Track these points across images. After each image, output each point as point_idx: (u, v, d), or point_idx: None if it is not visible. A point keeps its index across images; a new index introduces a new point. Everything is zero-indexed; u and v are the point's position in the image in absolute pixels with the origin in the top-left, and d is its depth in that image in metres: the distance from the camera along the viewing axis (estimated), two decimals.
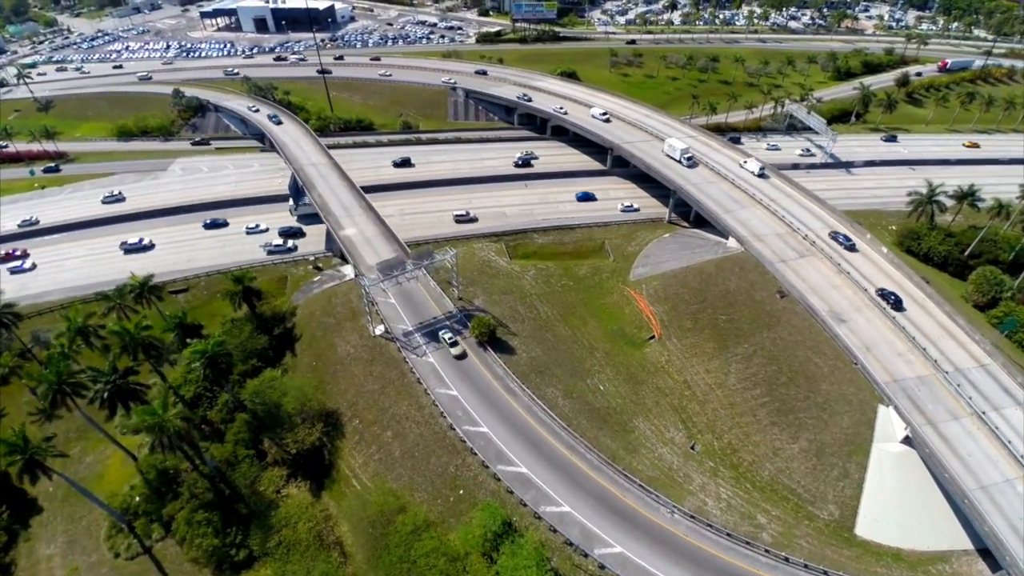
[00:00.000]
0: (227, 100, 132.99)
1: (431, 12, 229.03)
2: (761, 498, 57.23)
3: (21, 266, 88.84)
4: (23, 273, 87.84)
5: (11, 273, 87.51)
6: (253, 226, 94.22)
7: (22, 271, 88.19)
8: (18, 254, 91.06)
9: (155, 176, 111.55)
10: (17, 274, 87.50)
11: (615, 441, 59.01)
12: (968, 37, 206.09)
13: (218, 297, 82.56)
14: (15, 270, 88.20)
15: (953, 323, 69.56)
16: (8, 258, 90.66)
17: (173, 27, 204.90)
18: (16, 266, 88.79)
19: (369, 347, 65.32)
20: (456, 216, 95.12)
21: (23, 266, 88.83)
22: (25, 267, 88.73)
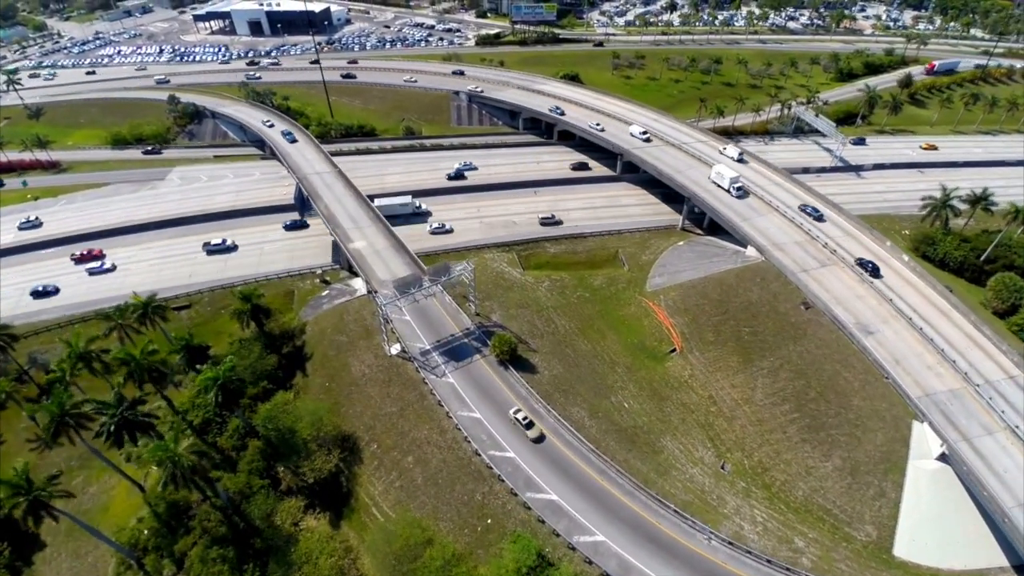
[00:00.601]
0: (225, 106, 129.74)
1: (428, 14, 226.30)
2: (797, 520, 55.46)
3: (101, 267, 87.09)
4: (103, 274, 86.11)
5: (90, 275, 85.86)
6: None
7: (101, 272, 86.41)
8: (95, 254, 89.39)
9: (152, 186, 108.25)
10: (97, 275, 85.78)
11: (645, 463, 57.00)
12: (965, 37, 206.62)
13: (222, 313, 79.79)
14: (95, 271, 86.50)
15: (980, 333, 68.24)
16: (86, 258, 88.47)
17: (166, 31, 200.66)
18: (95, 267, 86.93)
19: (385, 367, 62.85)
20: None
21: (103, 266, 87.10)
22: (105, 267, 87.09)
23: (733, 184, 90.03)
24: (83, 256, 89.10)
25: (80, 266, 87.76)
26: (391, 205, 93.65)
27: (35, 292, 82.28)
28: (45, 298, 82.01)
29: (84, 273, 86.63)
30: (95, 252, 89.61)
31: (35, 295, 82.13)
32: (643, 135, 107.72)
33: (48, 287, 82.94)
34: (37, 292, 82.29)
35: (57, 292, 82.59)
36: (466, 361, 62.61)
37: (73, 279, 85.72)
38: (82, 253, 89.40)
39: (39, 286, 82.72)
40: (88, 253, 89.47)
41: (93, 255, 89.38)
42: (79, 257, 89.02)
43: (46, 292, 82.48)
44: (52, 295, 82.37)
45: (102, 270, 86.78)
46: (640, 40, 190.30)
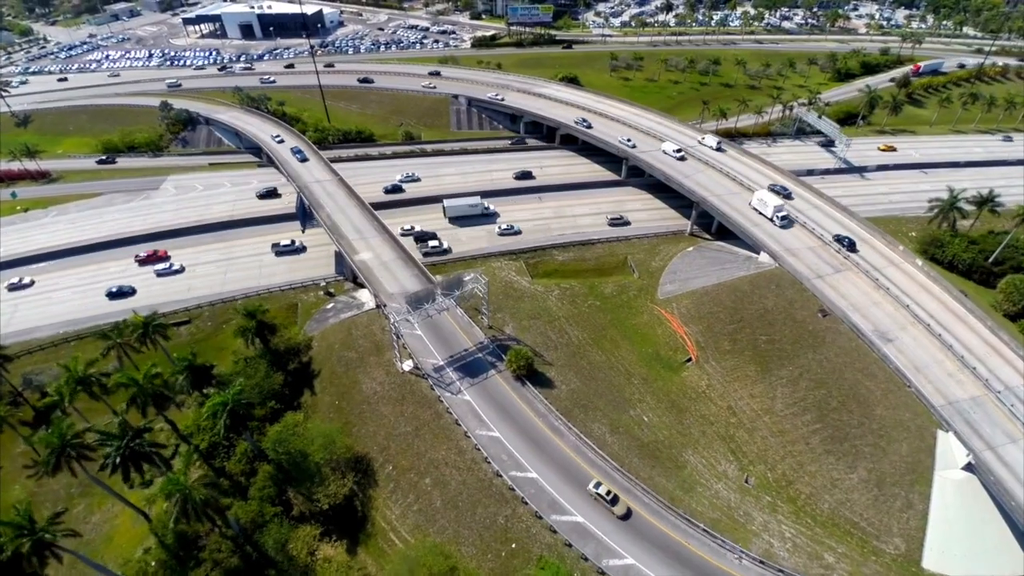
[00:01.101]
0: (219, 112, 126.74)
1: (422, 16, 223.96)
2: (824, 534, 54.36)
3: (169, 268, 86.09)
4: (172, 276, 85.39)
5: (158, 276, 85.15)
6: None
7: (170, 273, 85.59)
8: (160, 255, 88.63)
9: (147, 195, 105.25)
10: (165, 276, 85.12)
11: (669, 480, 55.60)
12: (958, 35, 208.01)
13: (224, 328, 77.51)
14: (163, 272, 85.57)
15: (997, 339, 67.63)
16: (152, 259, 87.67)
17: (155, 34, 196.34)
18: (164, 268, 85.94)
19: (398, 384, 60.88)
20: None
21: (171, 267, 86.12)
22: (174, 268, 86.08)
23: (777, 213, 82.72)
24: (148, 257, 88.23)
25: (146, 267, 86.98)
26: (459, 206, 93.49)
27: (111, 293, 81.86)
28: (122, 299, 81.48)
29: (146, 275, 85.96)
30: (160, 253, 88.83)
31: (112, 296, 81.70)
32: (677, 153, 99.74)
33: (124, 288, 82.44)
34: (113, 293, 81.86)
35: (134, 293, 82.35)
36: (481, 377, 60.82)
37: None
38: (147, 254, 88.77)
39: (114, 287, 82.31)
40: (153, 254, 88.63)
41: (158, 256, 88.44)
42: (143, 259, 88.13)
43: (122, 293, 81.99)
44: (129, 295, 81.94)
45: (171, 271, 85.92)
46: (637, 41, 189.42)
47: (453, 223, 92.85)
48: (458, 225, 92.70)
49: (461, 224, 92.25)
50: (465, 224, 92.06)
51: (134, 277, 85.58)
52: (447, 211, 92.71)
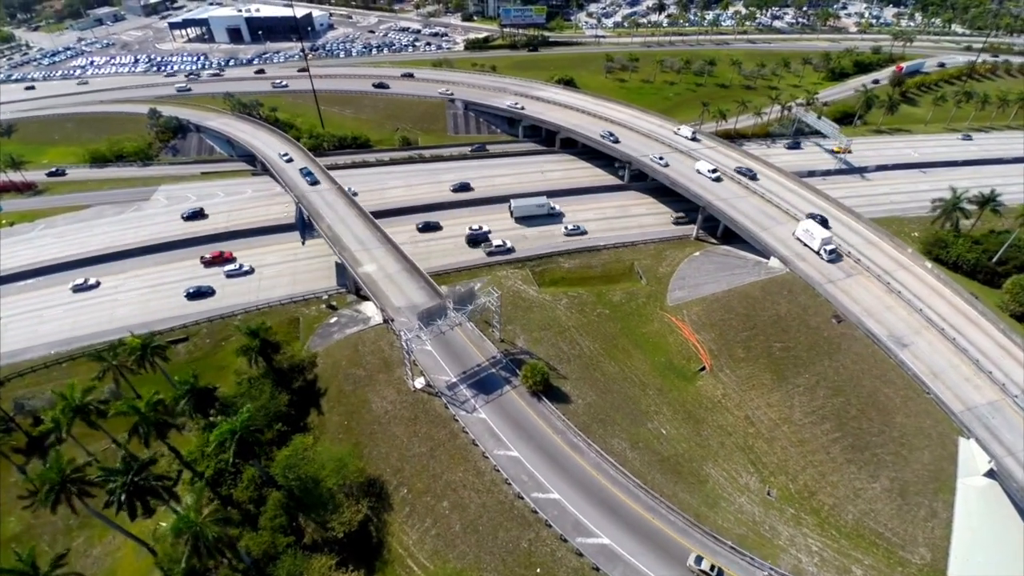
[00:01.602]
0: (210, 119, 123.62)
1: (413, 18, 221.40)
2: (850, 546, 53.47)
3: (239, 268, 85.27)
4: (242, 276, 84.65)
5: (227, 277, 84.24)
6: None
7: (240, 274, 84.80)
8: (227, 256, 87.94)
9: (137, 207, 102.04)
10: (235, 277, 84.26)
11: (693, 495, 54.36)
12: (947, 33, 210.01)
13: (223, 346, 75.04)
14: (232, 273, 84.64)
15: (1010, 341, 67.39)
16: (217, 260, 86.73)
17: (140, 39, 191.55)
18: (233, 269, 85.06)
19: (410, 403, 58.96)
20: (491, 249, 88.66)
21: (241, 268, 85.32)
22: (244, 269, 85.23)
23: (825, 246, 76.37)
24: (214, 259, 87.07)
25: (211, 269, 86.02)
26: (527, 206, 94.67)
27: (190, 294, 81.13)
28: (200, 299, 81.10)
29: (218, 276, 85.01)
30: (227, 255, 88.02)
31: (190, 296, 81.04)
32: (712, 173, 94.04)
33: (203, 288, 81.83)
34: (191, 294, 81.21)
35: (213, 293, 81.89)
36: (496, 393, 59.13)
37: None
38: (212, 255, 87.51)
39: (192, 288, 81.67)
40: (220, 255, 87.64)
41: (225, 257, 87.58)
42: (209, 260, 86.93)
43: (201, 293, 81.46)
44: (209, 296, 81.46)
45: (241, 272, 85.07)
46: (631, 42, 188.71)
47: (520, 223, 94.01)
48: (525, 225, 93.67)
49: (528, 224, 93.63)
50: (532, 224, 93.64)
51: (128, 293, 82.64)
52: (514, 211, 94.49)
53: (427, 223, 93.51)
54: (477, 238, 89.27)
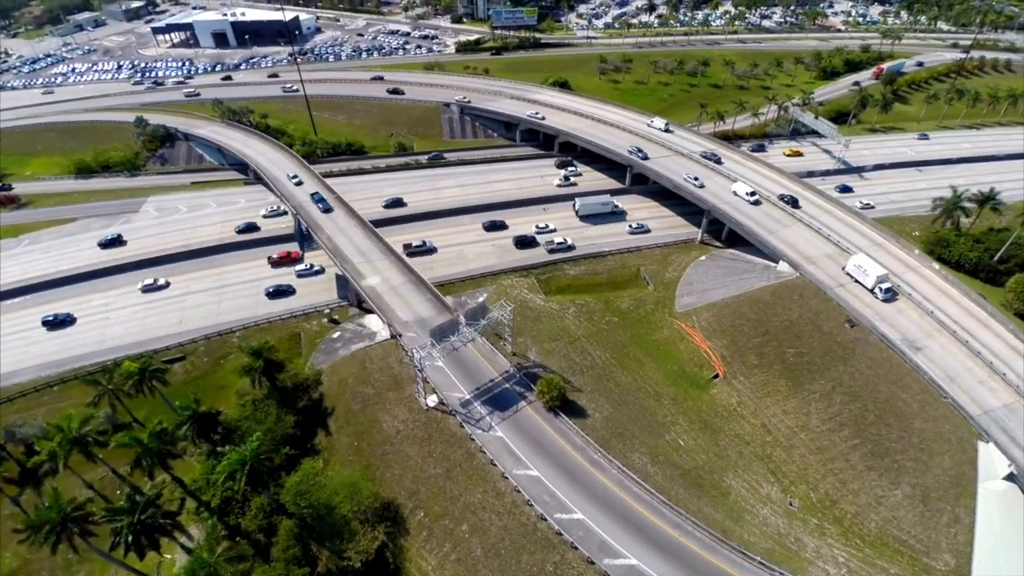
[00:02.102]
0: (198, 127, 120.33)
1: (401, 20, 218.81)
2: (875, 555, 52.77)
3: (310, 268, 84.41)
4: (315, 275, 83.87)
5: (299, 276, 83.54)
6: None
7: (311, 273, 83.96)
8: (294, 256, 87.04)
9: (126, 219, 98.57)
10: (306, 277, 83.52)
11: (717, 510, 53.28)
12: (932, 31, 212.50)
13: (222, 364, 72.44)
14: (303, 273, 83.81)
15: (1021, 343, 67.29)
16: (285, 260, 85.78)
17: (122, 45, 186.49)
18: (303, 269, 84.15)
19: (423, 422, 57.09)
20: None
21: (312, 268, 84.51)
22: (315, 268, 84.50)
23: (880, 284, 71.08)
24: (281, 259, 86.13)
25: (279, 269, 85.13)
26: (592, 204, 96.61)
27: (270, 292, 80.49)
28: (280, 298, 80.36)
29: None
30: (294, 255, 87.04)
31: (271, 295, 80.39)
32: (750, 197, 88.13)
33: (283, 287, 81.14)
34: (271, 292, 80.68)
35: (294, 293, 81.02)
36: (511, 410, 57.50)
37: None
38: (280, 255, 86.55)
39: (271, 287, 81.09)
40: (287, 255, 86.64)
41: (292, 257, 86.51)
42: (276, 260, 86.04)
43: (281, 291, 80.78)
44: (289, 295, 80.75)
45: (311, 271, 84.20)
46: (622, 43, 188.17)
47: (584, 221, 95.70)
48: (590, 223, 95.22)
49: (593, 222, 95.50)
50: (597, 222, 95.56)
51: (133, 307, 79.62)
52: (579, 209, 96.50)
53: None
54: (525, 240, 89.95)
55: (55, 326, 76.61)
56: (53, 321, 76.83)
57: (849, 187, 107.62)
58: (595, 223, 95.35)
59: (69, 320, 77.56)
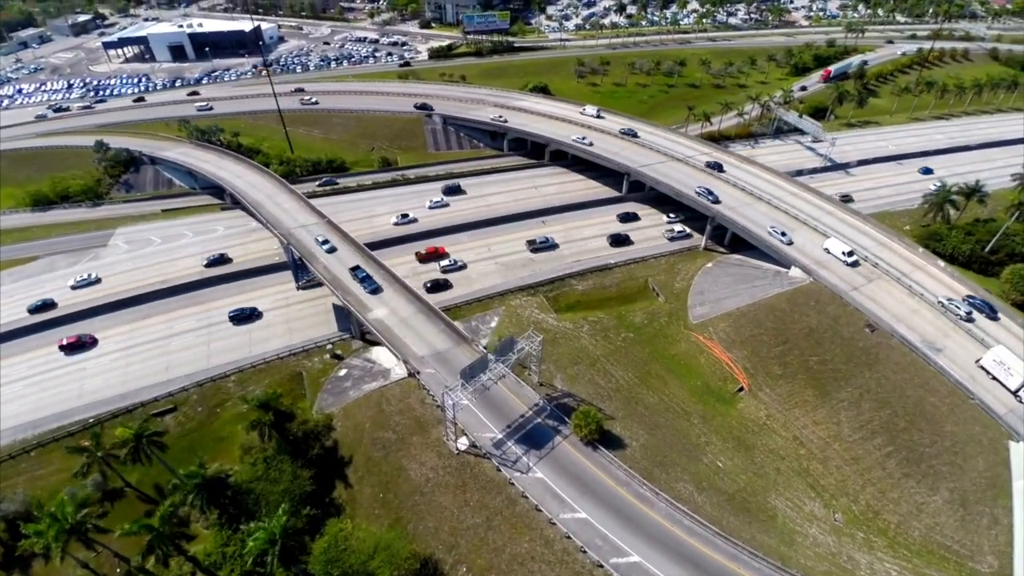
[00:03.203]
0: (165, 149, 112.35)
1: (367, 27, 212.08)
2: (923, 564, 52.31)
3: (453, 264, 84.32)
4: (457, 271, 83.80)
5: (443, 272, 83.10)
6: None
7: (455, 269, 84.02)
8: (441, 251, 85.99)
9: (94, 255, 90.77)
10: (452, 272, 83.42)
11: (769, 534, 51.71)
12: (890, 23, 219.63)
13: (218, 413, 66.75)
14: (449, 268, 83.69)
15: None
16: (431, 255, 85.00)
17: (71, 61, 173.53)
18: (448, 264, 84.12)
19: (455, 468, 53.37)
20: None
21: (455, 263, 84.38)
22: (458, 264, 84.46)
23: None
24: (428, 254, 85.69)
25: (427, 264, 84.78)
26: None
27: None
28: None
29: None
30: (440, 250, 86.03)
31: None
32: (848, 256, 77.26)
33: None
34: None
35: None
36: (547, 447, 54.43)
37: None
38: (428, 250, 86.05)
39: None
40: (434, 251, 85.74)
41: (439, 252, 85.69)
42: (424, 256, 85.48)
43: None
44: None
45: (456, 267, 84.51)
46: (596, 44, 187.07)
47: None
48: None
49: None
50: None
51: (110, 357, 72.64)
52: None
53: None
54: (620, 238, 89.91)
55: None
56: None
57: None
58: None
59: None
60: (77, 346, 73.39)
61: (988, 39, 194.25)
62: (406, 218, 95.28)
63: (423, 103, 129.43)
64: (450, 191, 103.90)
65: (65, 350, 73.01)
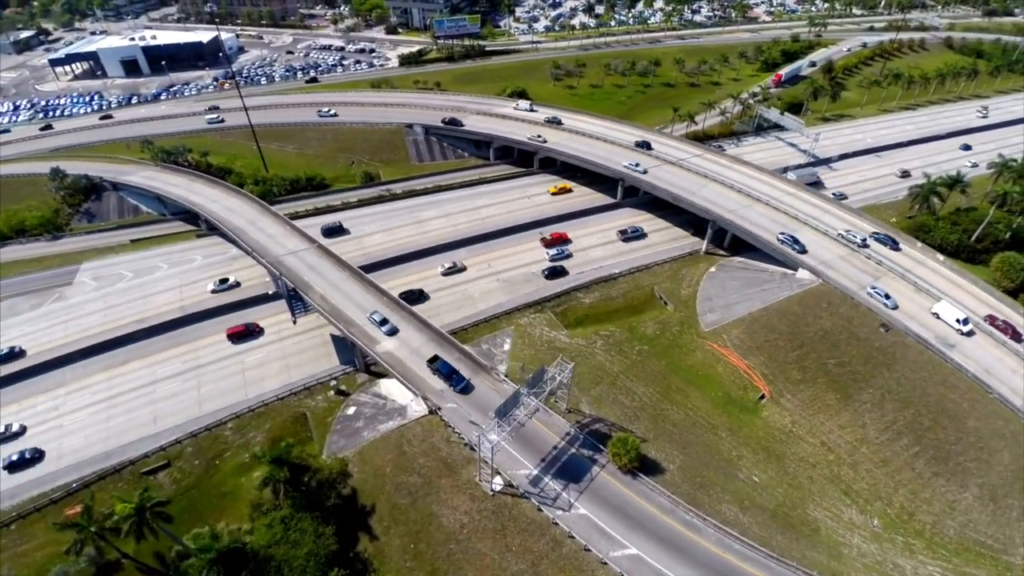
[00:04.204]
0: (129, 174, 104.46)
1: (331, 34, 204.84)
2: (962, 562, 52.49)
3: (562, 252, 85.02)
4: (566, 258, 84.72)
5: (552, 260, 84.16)
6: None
7: (564, 257, 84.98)
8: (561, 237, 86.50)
9: (59, 296, 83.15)
10: (560, 260, 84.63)
11: (816, 549, 50.79)
12: (847, 16, 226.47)
13: (218, 465, 61.53)
14: (557, 256, 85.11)
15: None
16: (554, 240, 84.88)
17: (15, 81, 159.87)
18: (556, 253, 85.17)
19: (491, 511, 50.21)
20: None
21: (564, 252, 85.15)
22: (567, 253, 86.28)
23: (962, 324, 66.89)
24: (553, 240, 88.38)
25: (551, 249, 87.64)
26: (804, 174, 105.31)
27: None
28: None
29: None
30: (562, 235, 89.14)
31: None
32: (963, 325, 68.05)
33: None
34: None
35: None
36: (586, 480, 51.96)
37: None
38: (553, 236, 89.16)
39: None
40: (558, 236, 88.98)
41: (561, 238, 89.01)
42: (549, 240, 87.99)
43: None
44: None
45: (563, 256, 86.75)
46: (568, 46, 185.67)
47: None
48: None
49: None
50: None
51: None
52: (796, 178, 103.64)
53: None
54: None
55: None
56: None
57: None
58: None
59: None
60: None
61: (942, 28, 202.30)
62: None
63: (409, 122, 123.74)
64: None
65: None
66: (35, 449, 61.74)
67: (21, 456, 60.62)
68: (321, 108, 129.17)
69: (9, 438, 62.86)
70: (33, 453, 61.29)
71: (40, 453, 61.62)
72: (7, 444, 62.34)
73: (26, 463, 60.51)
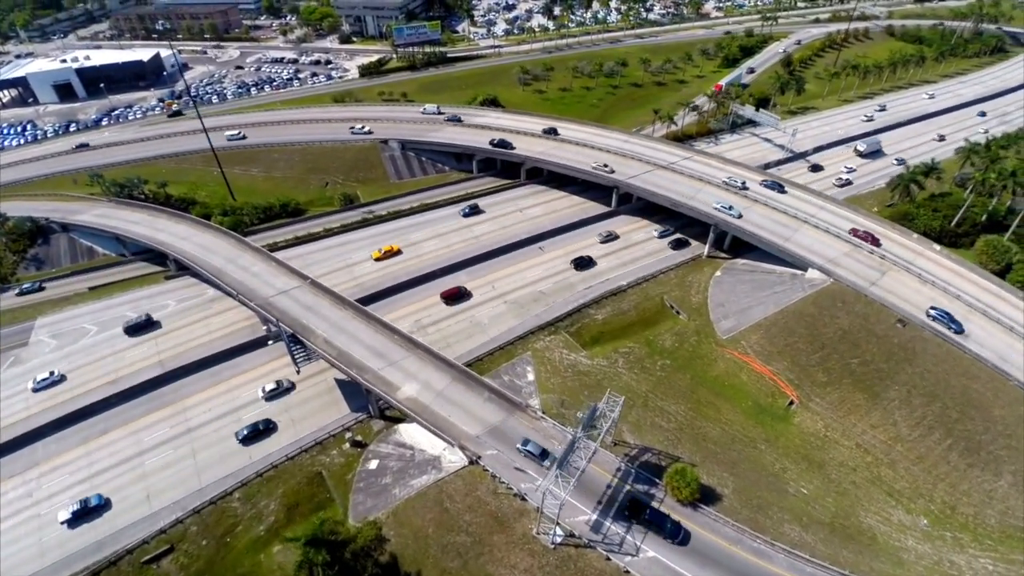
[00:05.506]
0: (79, 213, 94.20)
1: (281, 46, 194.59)
2: (1007, 550, 53.43)
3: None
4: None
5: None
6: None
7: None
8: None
9: (14, 359, 73.49)
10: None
11: (880, 559, 50.27)
12: (791, 8, 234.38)
13: (230, 542, 55.17)
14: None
15: None
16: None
17: None
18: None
19: (554, 565, 46.61)
20: None
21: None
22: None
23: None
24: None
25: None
26: (872, 142, 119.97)
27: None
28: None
29: None
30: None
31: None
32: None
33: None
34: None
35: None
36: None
37: None
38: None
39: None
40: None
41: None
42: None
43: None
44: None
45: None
46: (531, 49, 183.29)
47: (865, 157, 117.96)
48: (870, 159, 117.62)
49: (872, 158, 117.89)
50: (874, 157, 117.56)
51: None
52: (864, 149, 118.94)
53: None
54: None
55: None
56: None
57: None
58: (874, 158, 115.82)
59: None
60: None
61: (883, 17, 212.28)
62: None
63: (385, 138, 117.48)
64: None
65: None
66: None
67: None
68: (354, 127, 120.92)
69: None
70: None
71: None
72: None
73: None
